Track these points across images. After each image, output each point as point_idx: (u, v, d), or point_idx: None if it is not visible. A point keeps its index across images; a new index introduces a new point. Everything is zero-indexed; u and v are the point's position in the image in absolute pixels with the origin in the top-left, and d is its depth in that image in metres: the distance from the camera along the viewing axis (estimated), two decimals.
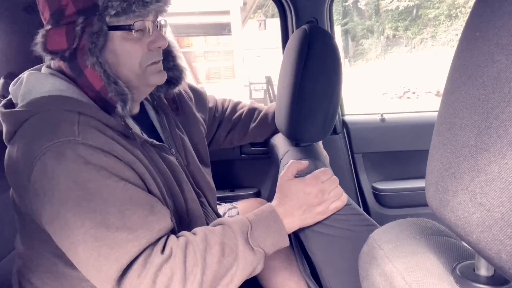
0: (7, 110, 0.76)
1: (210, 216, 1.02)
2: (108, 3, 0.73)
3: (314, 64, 0.97)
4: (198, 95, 1.19)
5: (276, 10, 1.54)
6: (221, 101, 1.31)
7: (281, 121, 1.08)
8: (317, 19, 1.43)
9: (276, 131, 1.29)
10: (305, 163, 0.84)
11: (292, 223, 0.78)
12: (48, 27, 0.78)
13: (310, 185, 0.78)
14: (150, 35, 0.81)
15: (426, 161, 0.39)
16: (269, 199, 1.54)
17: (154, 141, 0.87)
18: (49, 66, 0.83)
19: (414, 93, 11.38)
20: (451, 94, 0.35)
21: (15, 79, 0.84)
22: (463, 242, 0.38)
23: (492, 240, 0.30)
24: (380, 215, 1.63)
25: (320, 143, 1.26)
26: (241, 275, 0.71)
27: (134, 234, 0.66)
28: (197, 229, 0.74)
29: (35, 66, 0.89)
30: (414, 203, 1.59)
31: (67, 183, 0.66)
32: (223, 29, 10.55)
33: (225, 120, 1.28)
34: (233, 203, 1.31)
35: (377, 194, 1.63)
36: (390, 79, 12.53)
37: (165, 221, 0.71)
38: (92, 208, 0.66)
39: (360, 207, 0.97)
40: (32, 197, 0.69)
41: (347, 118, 1.63)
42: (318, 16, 1.43)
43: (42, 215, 0.69)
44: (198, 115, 1.12)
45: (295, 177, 0.83)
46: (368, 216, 0.80)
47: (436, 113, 0.38)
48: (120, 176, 0.70)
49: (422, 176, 0.41)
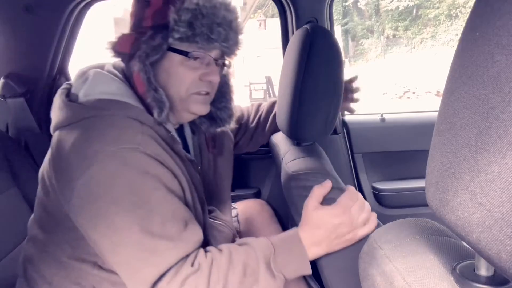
0: (72, 102, 0.80)
1: (221, 227, 1.05)
2: (175, 27, 0.79)
3: (316, 64, 0.97)
4: None
5: (276, 10, 1.54)
6: (246, 110, 1.33)
7: (282, 120, 1.08)
8: (317, 19, 1.43)
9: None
10: (328, 186, 0.80)
11: (319, 251, 0.76)
12: (125, 32, 0.86)
13: (339, 216, 0.75)
14: (206, 68, 0.85)
15: (426, 161, 0.39)
16: (269, 199, 1.55)
17: (191, 157, 0.91)
18: (114, 66, 0.89)
19: (414, 93, 11.38)
20: (451, 94, 0.35)
21: (80, 74, 0.87)
22: (463, 242, 0.38)
23: (492, 240, 0.30)
24: (380, 215, 1.63)
25: None
26: None
27: (174, 244, 0.70)
28: (223, 246, 0.76)
29: (98, 63, 0.93)
30: (414, 203, 1.59)
31: (124, 187, 0.70)
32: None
33: (249, 128, 1.30)
34: (233, 204, 1.32)
35: (377, 194, 1.63)
36: (390, 79, 12.53)
37: (199, 236, 0.75)
38: (141, 215, 0.70)
39: None
40: (80, 189, 0.71)
41: (347, 118, 1.63)
42: (318, 16, 1.43)
43: (85, 210, 0.71)
44: (228, 130, 1.16)
45: (322, 203, 0.79)
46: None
47: (436, 113, 0.38)
48: (169, 188, 0.75)
49: (422, 176, 0.41)
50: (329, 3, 1.45)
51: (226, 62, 0.91)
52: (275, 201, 1.52)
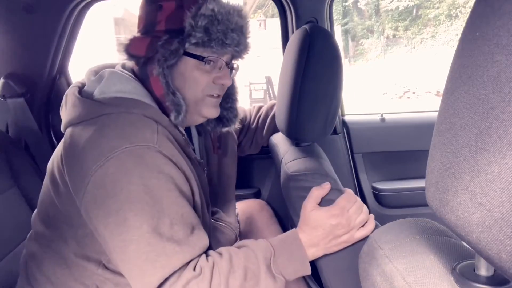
0: (88, 99, 0.81)
1: (225, 229, 1.06)
2: (192, 32, 0.81)
3: (315, 64, 0.97)
4: None
5: (276, 10, 1.54)
6: (248, 111, 1.35)
7: (282, 121, 1.08)
8: (317, 19, 1.43)
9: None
10: (327, 188, 0.81)
11: (316, 252, 0.78)
12: (138, 35, 0.87)
13: (337, 216, 0.76)
14: (219, 72, 0.88)
15: (426, 161, 0.39)
16: (269, 199, 1.54)
17: (200, 159, 0.92)
18: (123, 67, 0.90)
19: (414, 93, 11.37)
20: (451, 94, 0.35)
21: (92, 72, 0.89)
22: (463, 242, 0.38)
23: (492, 240, 0.30)
24: (380, 215, 1.63)
25: None
26: None
27: (180, 248, 0.71)
28: (222, 249, 0.77)
29: (108, 63, 0.94)
30: (414, 203, 1.59)
31: (138, 185, 0.70)
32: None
33: (250, 129, 1.32)
34: None
35: (377, 194, 1.63)
36: (390, 79, 12.52)
37: (205, 241, 0.76)
38: (152, 214, 0.70)
39: None
40: (94, 184, 0.72)
41: (347, 118, 1.63)
42: (318, 16, 1.43)
43: (98, 204, 0.72)
44: (234, 134, 1.18)
45: (319, 205, 0.81)
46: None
47: (436, 113, 0.38)
48: (181, 190, 0.76)
49: (422, 176, 0.41)
50: (329, 3, 1.45)
51: (235, 65, 0.93)
52: (275, 201, 1.52)
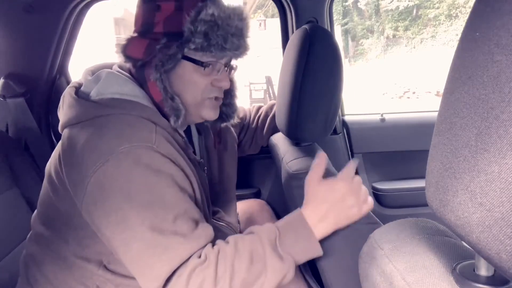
0: (85, 100, 0.80)
1: (225, 229, 1.05)
2: (191, 38, 0.80)
3: (315, 64, 0.97)
4: None
5: (276, 10, 1.54)
6: (248, 111, 1.35)
7: (282, 121, 1.08)
8: (317, 19, 1.43)
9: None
10: (323, 156, 0.80)
11: (327, 228, 0.76)
12: (135, 35, 0.85)
13: (344, 187, 0.75)
14: (218, 74, 0.87)
15: (426, 161, 0.39)
16: (269, 199, 1.54)
17: (199, 159, 0.92)
18: (121, 67, 0.89)
19: (414, 93, 11.37)
20: (451, 94, 0.35)
21: (88, 73, 0.88)
22: (463, 242, 0.38)
23: (492, 240, 0.30)
24: (380, 215, 1.63)
25: None
26: (270, 283, 0.71)
27: (186, 240, 0.71)
28: (230, 237, 0.77)
29: (105, 63, 0.93)
30: (414, 203, 1.59)
31: (138, 184, 0.71)
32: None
33: (249, 129, 1.32)
34: None
35: (377, 194, 1.63)
36: (390, 79, 12.52)
37: (210, 231, 0.77)
38: (154, 212, 0.70)
39: None
40: (93, 185, 0.72)
41: (347, 118, 1.63)
42: (318, 16, 1.43)
43: (99, 205, 0.72)
44: (233, 130, 1.18)
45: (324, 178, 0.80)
46: (372, 214, 0.79)
47: (436, 113, 0.38)
48: (182, 187, 0.76)
49: (422, 176, 0.41)
50: (329, 3, 1.45)
51: (234, 66, 0.93)
52: (275, 201, 1.52)
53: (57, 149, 0.82)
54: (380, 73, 13.82)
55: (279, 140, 1.24)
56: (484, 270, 0.39)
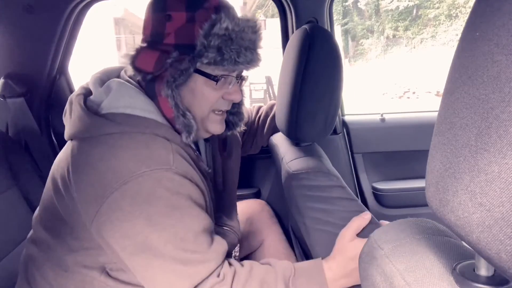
0: (96, 114, 0.78)
1: (228, 233, 1.06)
2: (205, 53, 0.77)
3: (315, 64, 0.97)
4: None
5: (276, 10, 1.54)
6: (249, 111, 1.35)
7: (282, 121, 1.08)
8: (317, 19, 1.43)
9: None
10: (368, 218, 0.78)
11: (347, 283, 0.76)
12: (144, 45, 0.83)
13: None
14: (229, 87, 0.86)
15: (426, 161, 0.39)
16: (269, 199, 1.54)
17: (208, 170, 0.92)
18: (129, 76, 0.86)
19: (414, 93, 11.37)
20: (451, 94, 0.35)
21: (97, 81, 0.86)
22: (463, 242, 0.38)
23: (492, 240, 0.30)
24: (380, 215, 1.63)
25: None
26: None
27: (205, 257, 0.73)
28: (245, 262, 0.79)
29: (112, 68, 0.91)
30: (414, 203, 1.59)
31: (159, 208, 0.71)
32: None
33: (250, 130, 1.32)
34: None
35: (377, 194, 1.63)
36: (390, 79, 12.52)
37: (225, 245, 0.78)
38: (175, 233, 0.71)
39: None
40: (110, 206, 0.71)
41: (347, 118, 1.63)
42: (318, 16, 1.43)
43: (115, 226, 0.71)
44: (238, 136, 1.18)
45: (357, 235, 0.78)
46: (372, 214, 0.79)
47: (436, 113, 0.38)
48: (199, 204, 0.77)
49: (422, 176, 0.41)
50: (329, 3, 1.45)
51: (245, 77, 0.92)
52: (275, 201, 1.52)
53: (66, 159, 0.80)
54: (380, 73, 13.82)
55: (279, 140, 1.24)
56: (484, 270, 0.39)
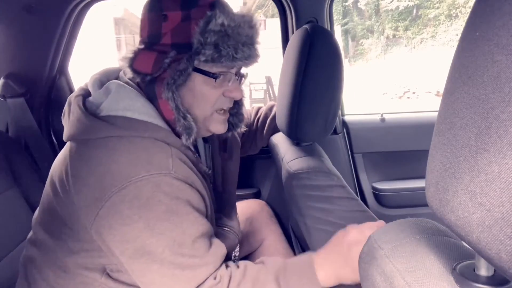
0: (95, 116, 0.77)
1: (228, 233, 1.06)
2: (202, 50, 0.77)
3: (316, 64, 0.97)
4: None
5: (276, 10, 1.54)
6: (248, 112, 1.34)
7: (282, 121, 1.08)
8: (317, 19, 1.43)
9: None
10: (382, 225, 0.71)
11: (339, 279, 0.74)
12: (142, 46, 0.82)
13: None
14: (229, 84, 0.85)
15: (426, 161, 0.39)
16: (269, 199, 1.54)
17: (208, 171, 0.91)
18: (129, 77, 0.85)
19: (414, 93, 11.37)
20: (451, 94, 0.35)
21: (96, 82, 0.85)
22: (463, 242, 0.38)
23: (492, 240, 0.30)
24: (380, 215, 1.63)
25: None
26: None
27: (203, 261, 0.73)
28: (241, 262, 0.79)
29: (112, 68, 0.90)
30: (414, 203, 1.59)
31: (157, 212, 0.71)
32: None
33: (251, 131, 1.31)
34: None
35: (377, 194, 1.63)
36: (390, 79, 12.52)
37: (223, 249, 0.79)
38: (173, 238, 0.71)
39: None
40: (109, 210, 0.71)
41: (347, 118, 1.63)
42: (318, 16, 1.43)
43: (114, 230, 0.71)
44: (238, 137, 1.17)
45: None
46: (373, 214, 0.79)
47: (436, 113, 0.38)
48: (198, 209, 0.77)
49: (422, 176, 0.41)
50: (329, 3, 1.45)
51: (244, 74, 0.90)
52: (275, 201, 1.52)
53: (64, 160, 0.79)
54: (380, 73, 13.82)
55: (279, 140, 1.24)
56: (484, 270, 0.39)
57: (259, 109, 1.34)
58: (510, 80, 0.28)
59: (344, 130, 1.61)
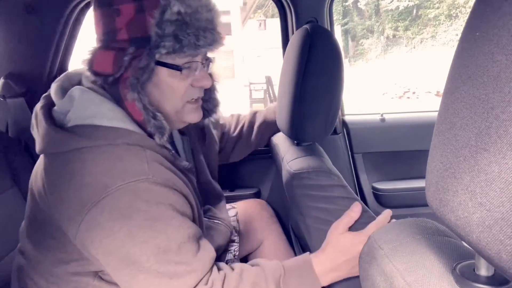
0: (62, 129, 0.74)
1: (219, 226, 1.04)
2: (161, 43, 0.73)
3: (316, 64, 0.97)
4: None
5: (276, 10, 1.54)
6: (229, 118, 1.34)
7: (283, 120, 1.08)
8: (317, 19, 1.43)
9: (277, 131, 1.30)
10: (358, 210, 0.76)
11: (338, 277, 0.75)
12: (99, 45, 0.78)
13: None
14: (196, 74, 0.81)
15: (426, 161, 0.39)
16: (269, 199, 1.54)
17: (188, 166, 0.87)
18: (90, 80, 0.81)
19: (414, 93, 11.38)
20: (451, 94, 0.35)
21: (59, 89, 0.82)
22: (463, 242, 0.38)
23: (492, 240, 0.30)
24: None
25: None
26: None
27: (191, 267, 0.71)
28: (236, 265, 0.77)
29: (74, 71, 0.86)
30: (414, 203, 1.59)
31: (139, 221, 0.68)
32: (223, 29, 10.53)
33: (230, 137, 1.30)
34: (232, 204, 1.32)
35: (377, 194, 1.63)
36: (390, 79, 12.53)
37: (212, 252, 0.76)
38: (157, 245, 0.69)
39: None
40: (89, 223, 0.69)
41: (347, 118, 1.63)
42: (318, 16, 1.43)
43: (97, 242, 0.70)
44: (215, 133, 1.16)
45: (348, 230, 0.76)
46: (373, 214, 0.80)
47: (436, 113, 0.38)
48: (182, 213, 0.74)
49: (422, 176, 0.41)
50: (329, 3, 1.45)
51: (211, 59, 0.86)
52: (275, 201, 1.52)
53: (40, 174, 0.77)
54: (380, 73, 13.83)
55: (280, 140, 1.24)
56: (484, 270, 0.39)
57: (240, 116, 1.34)
58: (510, 80, 0.28)
59: (344, 130, 1.61)
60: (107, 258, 0.70)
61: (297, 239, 1.25)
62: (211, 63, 0.87)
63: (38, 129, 0.77)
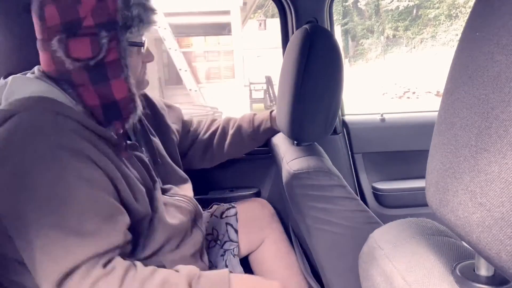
0: None
1: (180, 202, 1.02)
2: (131, 23, 0.81)
3: (316, 64, 0.97)
4: (173, 109, 1.25)
5: (276, 10, 1.54)
6: (198, 121, 1.35)
7: (282, 121, 1.08)
8: (317, 19, 1.43)
9: (254, 147, 1.33)
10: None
11: None
12: (63, 35, 0.79)
13: None
14: (143, 51, 0.89)
15: (426, 161, 0.39)
16: (269, 199, 1.54)
17: (130, 142, 0.91)
18: (33, 73, 0.87)
19: (414, 93, 11.38)
20: (451, 94, 0.35)
21: (2, 81, 0.86)
22: (463, 242, 0.38)
23: (492, 240, 0.30)
24: (380, 215, 1.63)
25: None
26: None
27: (85, 241, 0.68)
28: (151, 267, 0.76)
29: (23, 73, 0.92)
30: (414, 203, 1.59)
31: (38, 180, 0.68)
32: (223, 29, 10.53)
33: (199, 140, 1.30)
34: (232, 203, 1.31)
35: (377, 194, 1.63)
36: (390, 79, 12.53)
37: (118, 236, 0.73)
38: (52, 208, 0.68)
39: None
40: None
41: (347, 118, 1.63)
42: (318, 16, 1.43)
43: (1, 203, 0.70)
44: (171, 124, 1.17)
45: None
46: (373, 214, 0.80)
47: (436, 113, 0.38)
48: (88, 179, 0.72)
49: (422, 176, 0.41)
50: (329, 3, 1.45)
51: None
52: (275, 202, 1.52)
53: None
54: (380, 73, 13.83)
55: (279, 140, 1.24)
56: (484, 270, 0.39)
57: (214, 121, 1.34)
58: (510, 80, 0.28)
59: (344, 130, 1.61)
60: (6, 215, 0.70)
61: (297, 239, 1.25)
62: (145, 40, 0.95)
63: None
